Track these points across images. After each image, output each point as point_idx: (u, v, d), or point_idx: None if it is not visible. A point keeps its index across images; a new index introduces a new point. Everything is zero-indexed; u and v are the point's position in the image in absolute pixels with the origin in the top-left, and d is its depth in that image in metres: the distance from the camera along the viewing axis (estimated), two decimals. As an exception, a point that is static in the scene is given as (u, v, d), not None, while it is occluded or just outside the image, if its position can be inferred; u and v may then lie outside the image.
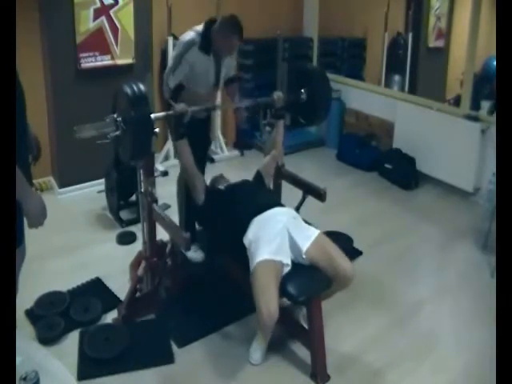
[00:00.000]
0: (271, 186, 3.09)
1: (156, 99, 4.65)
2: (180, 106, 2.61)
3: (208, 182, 2.96)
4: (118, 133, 2.38)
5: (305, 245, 2.45)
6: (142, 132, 2.36)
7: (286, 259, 2.40)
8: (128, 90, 2.32)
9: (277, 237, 2.42)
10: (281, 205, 2.73)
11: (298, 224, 2.56)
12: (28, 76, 4.38)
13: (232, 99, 3.34)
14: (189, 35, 2.97)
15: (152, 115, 2.42)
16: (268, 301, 2.24)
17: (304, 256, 2.44)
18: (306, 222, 2.65)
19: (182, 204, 3.29)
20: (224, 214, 2.66)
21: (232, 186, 2.88)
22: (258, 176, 2.95)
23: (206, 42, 2.93)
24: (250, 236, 2.48)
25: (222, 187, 2.86)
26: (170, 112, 2.63)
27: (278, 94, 2.98)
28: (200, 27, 2.98)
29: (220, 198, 2.78)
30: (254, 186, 2.91)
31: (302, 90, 3.06)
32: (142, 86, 2.36)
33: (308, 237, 2.48)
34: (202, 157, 3.24)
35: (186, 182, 2.87)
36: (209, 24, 2.95)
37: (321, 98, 3.08)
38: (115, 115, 2.39)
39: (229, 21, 2.90)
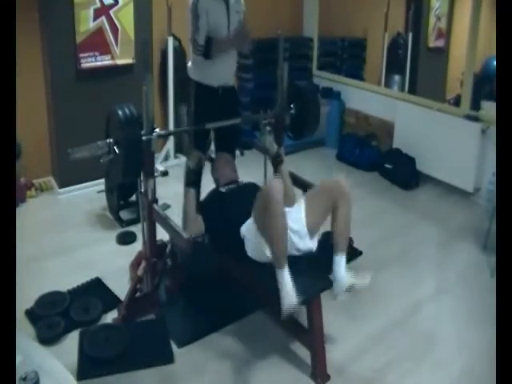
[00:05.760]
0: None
1: (156, 99, 4.65)
2: (194, 155, 2.72)
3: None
4: (110, 156, 2.47)
5: (303, 227, 2.46)
6: (134, 152, 2.43)
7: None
8: (119, 112, 2.38)
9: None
10: None
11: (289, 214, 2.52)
12: (28, 76, 4.34)
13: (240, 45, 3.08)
14: None
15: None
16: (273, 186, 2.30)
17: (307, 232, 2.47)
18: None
19: None
20: (225, 215, 2.65)
21: (234, 189, 2.87)
22: None
23: None
24: (243, 229, 2.52)
25: (223, 190, 2.85)
26: (188, 161, 2.79)
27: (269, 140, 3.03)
28: None
29: (222, 198, 2.78)
30: (254, 188, 2.89)
31: (292, 106, 3.12)
32: (132, 108, 2.42)
33: (299, 219, 2.48)
34: (230, 138, 3.23)
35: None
36: None
37: (309, 112, 3.14)
38: (108, 140, 2.46)
39: None
